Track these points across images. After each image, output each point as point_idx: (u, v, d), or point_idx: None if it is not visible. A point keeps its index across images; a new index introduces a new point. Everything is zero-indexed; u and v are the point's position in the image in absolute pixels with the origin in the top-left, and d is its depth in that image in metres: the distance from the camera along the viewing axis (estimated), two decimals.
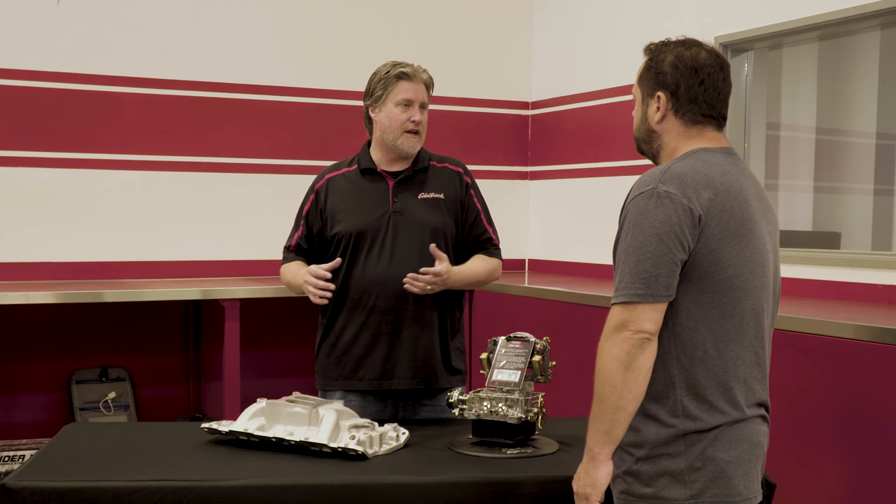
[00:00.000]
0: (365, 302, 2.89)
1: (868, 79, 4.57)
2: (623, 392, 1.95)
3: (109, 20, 4.79)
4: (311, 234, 2.99)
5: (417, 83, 2.91)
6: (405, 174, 2.94)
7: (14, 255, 4.64)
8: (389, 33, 5.35)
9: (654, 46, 2.16)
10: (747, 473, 2.03)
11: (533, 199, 5.73)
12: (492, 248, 3.03)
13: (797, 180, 4.89)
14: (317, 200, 2.98)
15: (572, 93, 5.39)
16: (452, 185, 2.98)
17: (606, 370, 1.96)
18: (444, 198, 2.95)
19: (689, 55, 2.10)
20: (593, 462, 2.01)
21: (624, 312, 1.96)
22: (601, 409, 1.98)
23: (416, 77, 2.91)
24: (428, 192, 2.93)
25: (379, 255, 2.88)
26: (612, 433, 1.99)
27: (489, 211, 3.07)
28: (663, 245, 1.94)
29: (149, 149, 4.89)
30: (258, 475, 2.28)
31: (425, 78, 2.94)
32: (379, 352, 2.89)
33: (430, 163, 3.00)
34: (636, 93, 2.19)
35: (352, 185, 2.95)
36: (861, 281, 3.77)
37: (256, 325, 4.83)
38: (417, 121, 2.89)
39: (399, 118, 2.89)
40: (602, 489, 2.02)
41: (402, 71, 2.90)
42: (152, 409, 4.98)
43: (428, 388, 2.93)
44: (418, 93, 2.90)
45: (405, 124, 2.88)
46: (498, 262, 3.05)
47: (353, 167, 2.99)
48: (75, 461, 2.44)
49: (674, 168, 2.01)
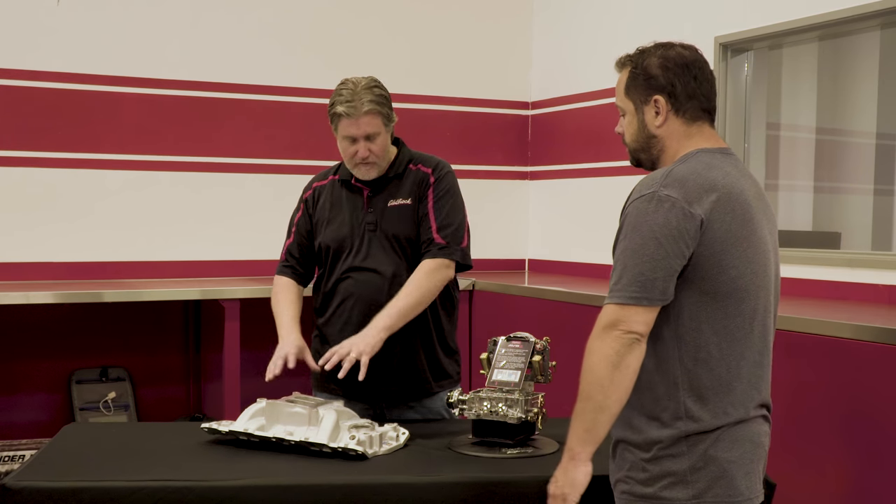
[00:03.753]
0: (341, 313, 2.91)
1: (868, 79, 4.57)
2: (610, 391, 1.95)
3: (109, 20, 4.79)
4: (302, 243, 3.01)
5: (356, 118, 2.77)
6: (379, 182, 2.92)
7: (14, 255, 4.64)
8: (389, 34, 5.35)
9: (630, 56, 2.15)
10: (749, 473, 2.03)
11: (533, 199, 5.73)
12: (434, 250, 2.85)
13: (797, 180, 4.89)
14: (306, 209, 3.00)
15: (572, 93, 5.39)
16: (417, 188, 2.91)
17: (594, 368, 1.96)
18: (410, 203, 2.90)
19: (674, 54, 2.10)
20: (573, 461, 2.01)
21: (616, 312, 1.96)
22: (584, 409, 1.98)
23: (354, 114, 2.77)
24: (397, 198, 2.90)
25: (352, 265, 2.89)
26: (594, 433, 1.98)
27: (455, 210, 2.91)
28: (661, 249, 1.94)
29: (149, 149, 4.89)
30: (258, 475, 2.27)
31: (367, 109, 2.77)
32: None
33: (408, 166, 2.93)
34: (625, 105, 2.16)
35: (333, 196, 2.97)
36: (861, 281, 3.77)
37: (256, 325, 4.81)
38: (364, 156, 2.82)
39: (347, 152, 2.85)
40: (581, 490, 2.01)
41: (338, 111, 2.79)
42: (152, 409, 4.97)
43: (413, 395, 2.92)
44: (360, 127, 2.78)
45: (353, 158, 2.84)
46: (432, 264, 2.83)
47: (336, 176, 3.00)
48: (75, 461, 2.44)
49: (675, 171, 2.01)
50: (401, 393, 2.90)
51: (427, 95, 5.41)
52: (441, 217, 2.87)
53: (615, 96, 2.19)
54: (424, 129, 5.25)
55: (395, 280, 2.86)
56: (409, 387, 2.91)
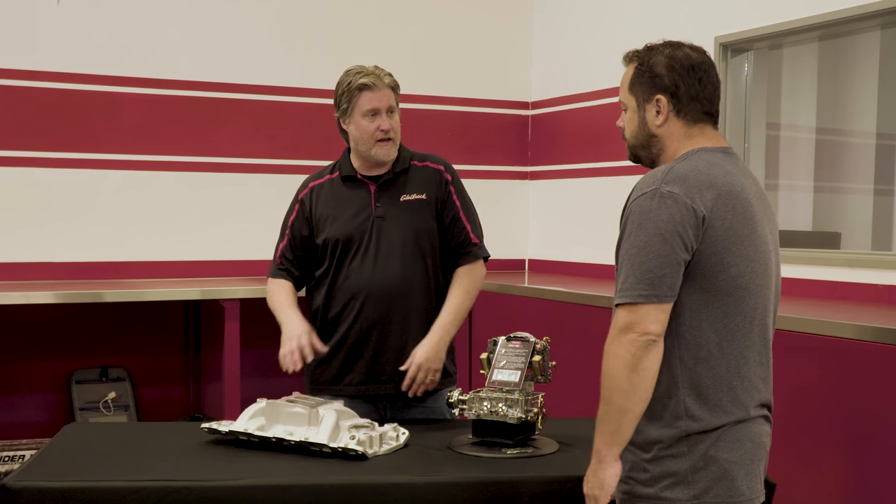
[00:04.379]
0: (351, 308, 2.88)
1: (868, 79, 4.57)
2: (629, 394, 1.95)
3: (109, 20, 4.79)
4: (297, 244, 2.97)
5: (381, 90, 2.84)
6: (386, 178, 2.92)
7: (14, 255, 4.64)
8: (389, 33, 5.35)
9: (638, 52, 2.15)
10: (750, 474, 2.03)
11: (533, 199, 5.73)
12: (472, 248, 2.97)
13: (797, 180, 4.89)
14: (302, 209, 2.97)
15: (572, 93, 5.39)
16: (433, 185, 2.94)
17: (612, 372, 1.96)
18: (426, 198, 2.92)
19: (681, 55, 2.10)
20: (601, 464, 2.01)
21: (629, 314, 1.95)
22: (608, 412, 1.98)
23: (378, 85, 2.83)
24: (410, 193, 2.91)
25: (363, 260, 2.87)
26: (619, 435, 1.98)
27: (472, 206, 3.01)
28: (667, 245, 1.94)
29: (149, 149, 4.89)
30: (258, 475, 2.27)
31: (388, 82, 2.87)
32: (365, 357, 2.88)
33: (411, 163, 2.96)
34: (627, 101, 2.16)
35: (335, 192, 2.94)
36: (861, 281, 3.77)
37: (256, 325, 4.81)
38: (386, 129, 2.85)
39: (368, 129, 2.85)
40: (610, 490, 2.02)
41: (362, 82, 2.83)
42: (152, 409, 4.97)
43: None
44: (382, 100, 2.84)
45: (375, 134, 2.85)
46: (476, 265, 2.98)
47: (335, 174, 2.98)
48: (75, 461, 2.44)
49: (676, 169, 2.01)
50: (400, 389, 2.88)
51: (427, 95, 5.41)
52: (469, 216, 2.98)
53: (619, 89, 2.19)
54: (424, 129, 5.25)
55: (408, 274, 2.85)
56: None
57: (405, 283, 2.86)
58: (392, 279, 2.85)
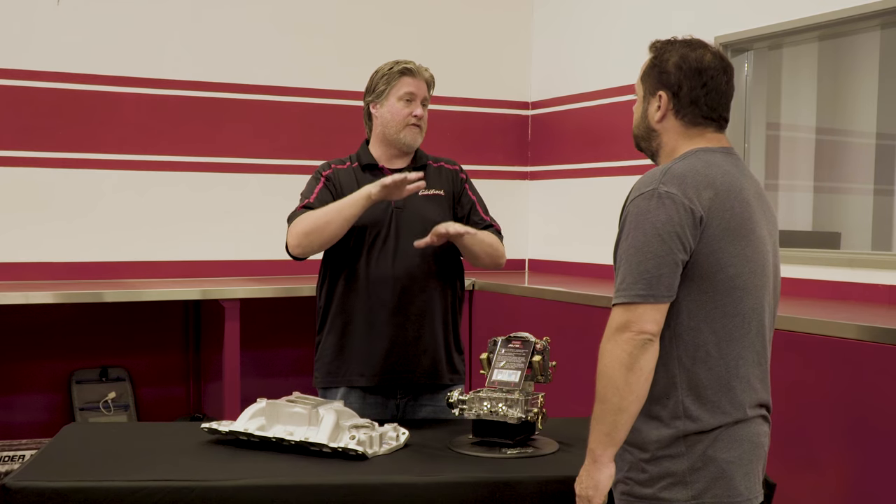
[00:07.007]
0: (369, 297, 2.90)
1: (868, 79, 4.57)
2: (625, 393, 1.95)
3: (109, 20, 4.79)
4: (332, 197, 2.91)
5: (419, 80, 2.98)
6: (406, 170, 2.95)
7: (14, 255, 4.64)
8: (389, 33, 5.35)
9: (659, 44, 2.15)
10: (748, 474, 2.03)
11: (533, 199, 5.73)
12: (494, 234, 3.04)
13: (797, 180, 4.89)
14: (328, 184, 2.96)
15: (572, 93, 5.39)
16: (449, 181, 3.04)
17: (608, 371, 1.96)
18: (444, 194, 3.01)
19: (694, 57, 2.09)
20: (595, 464, 2.01)
21: (626, 313, 1.95)
22: (603, 411, 1.98)
23: (419, 74, 2.98)
24: (428, 188, 2.96)
25: (382, 250, 2.90)
26: (614, 435, 1.98)
27: (486, 206, 3.11)
28: (665, 245, 1.94)
29: (149, 149, 4.89)
30: (258, 475, 2.28)
31: (427, 76, 3.01)
32: (383, 347, 2.90)
33: (428, 162, 3.05)
34: (638, 89, 2.18)
35: (357, 179, 2.96)
36: (861, 281, 3.77)
37: (256, 325, 4.83)
38: (419, 115, 2.96)
39: (401, 112, 2.94)
40: (604, 491, 2.01)
41: (406, 67, 2.98)
42: (152, 409, 4.97)
43: (430, 384, 2.94)
44: (420, 88, 2.97)
45: (407, 118, 2.95)
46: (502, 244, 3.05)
47: (354, 164, 3.01)
48: (75, 461, 2.44)
49: (674, 168, 2.01)
50: (417, 380, 2.91)
51: None
52: (485, 210, 3.08)
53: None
54: None
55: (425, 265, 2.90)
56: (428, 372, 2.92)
57: (422, 275, 2.90)
58: (410, 270, 2.89)
